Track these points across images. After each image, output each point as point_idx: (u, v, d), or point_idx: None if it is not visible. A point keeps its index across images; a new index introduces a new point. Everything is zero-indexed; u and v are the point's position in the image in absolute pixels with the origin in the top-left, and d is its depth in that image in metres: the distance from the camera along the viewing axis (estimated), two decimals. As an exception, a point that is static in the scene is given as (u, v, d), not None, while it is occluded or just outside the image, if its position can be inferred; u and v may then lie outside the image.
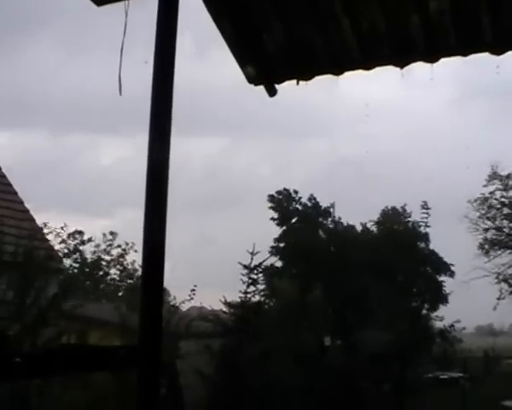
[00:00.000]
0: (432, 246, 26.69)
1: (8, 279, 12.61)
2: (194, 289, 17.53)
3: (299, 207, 27.85)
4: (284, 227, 27.28)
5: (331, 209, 27.25)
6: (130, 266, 41.66)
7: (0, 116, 35.46)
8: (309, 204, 27.71)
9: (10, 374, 2.46)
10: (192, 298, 17.57)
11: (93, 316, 16.86)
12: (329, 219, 27.31)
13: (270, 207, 27.45)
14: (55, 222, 38.27)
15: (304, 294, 20.78)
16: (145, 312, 2.93)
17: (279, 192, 27.95)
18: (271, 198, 27.65)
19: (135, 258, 39.76)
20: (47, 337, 11.48)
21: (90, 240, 41.01)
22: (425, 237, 26.33)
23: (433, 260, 26.37)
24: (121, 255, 42.25)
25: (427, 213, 25.57)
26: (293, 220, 27.53)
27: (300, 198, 27.91)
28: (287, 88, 4.19)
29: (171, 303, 18.20)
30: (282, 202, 27.91)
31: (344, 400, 16.80)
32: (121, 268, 42.46)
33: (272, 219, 27.30)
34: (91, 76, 44.20)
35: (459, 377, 26.30)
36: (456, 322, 24.53)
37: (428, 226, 25.92)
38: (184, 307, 18.62)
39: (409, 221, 27.32)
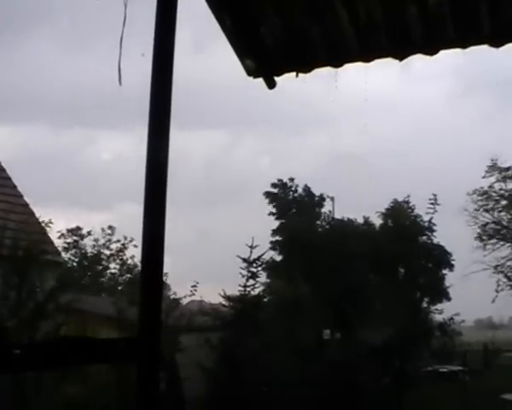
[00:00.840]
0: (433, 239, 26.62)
1: (6, 272, 12.62)
2: (195, 286, 17.56)
3: (296, 196, 27.85)
4: (283, 220, 27.28)
5: (324, 203, 27.27)
6: (129, 261, 41.64)
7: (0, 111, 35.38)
8: (303, 194, 27.74)
9: (9, 366, 2.46)
10: (193, 294, 17.62)
11: (92, 310, 16.89)
12: (327, 211, 27.34)
13: (268, 202, 27.45)
14: (54, 215, 38.17)
15: (302, 287, 20.78)
16: (144, 305, 2.93)
17: (274, 185, 27.91)
18: (267, 193, 27.64)
19: (134, 253, 39.73)
20: (46, 331, 11.50)
21: (89, 233, 41.02)
22: (428, 231, 26.16)
23: (436, 253, 26.26)
24: (120, 250, 42.21)
25: (433, 207, 25.30)
26: (292, 211, 27.54)
27: (297, 186, 27.91)
28: (287, 83, 4.18)
29: (172, 297, 18.23)
30: (279, 194, 27.90)
31: (343, 393, 16.81)
32: (121, 262, 42.43)
33: (271, 213, 27.31)
34: (91, 71, 44.09)
35: (459, 371, 26.31)
36: (455, 315, 24.54)
37: (434, 224, 25.80)
38: (184, 301, 18.67)
39: (412, 215, 27.20)
